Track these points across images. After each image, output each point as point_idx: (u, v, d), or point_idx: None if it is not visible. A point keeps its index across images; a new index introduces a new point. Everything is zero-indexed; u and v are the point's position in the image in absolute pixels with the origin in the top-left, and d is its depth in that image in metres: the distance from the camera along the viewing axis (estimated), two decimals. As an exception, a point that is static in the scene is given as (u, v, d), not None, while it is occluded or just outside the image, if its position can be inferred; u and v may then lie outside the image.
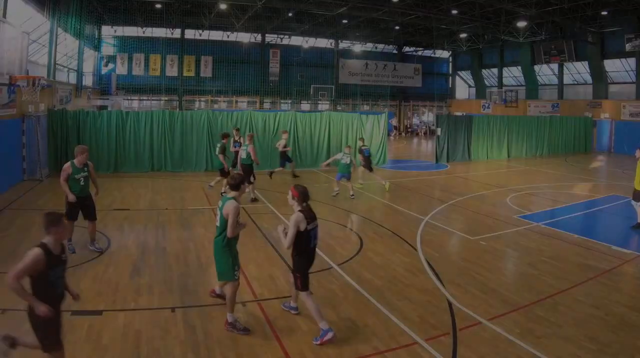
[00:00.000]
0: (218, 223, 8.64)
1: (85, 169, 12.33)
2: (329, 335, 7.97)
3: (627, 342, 8.20)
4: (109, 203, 17.93)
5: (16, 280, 6.00)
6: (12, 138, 20.73)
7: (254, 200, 18.87)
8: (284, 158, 23.75)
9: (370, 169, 22.23)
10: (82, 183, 12.26)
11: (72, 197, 12.07)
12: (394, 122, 56.49)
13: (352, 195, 19.82)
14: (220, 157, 19.01)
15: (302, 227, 8.23)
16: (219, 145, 19.40)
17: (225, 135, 19.85)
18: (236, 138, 21.65)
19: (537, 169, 30.24)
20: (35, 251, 6.33)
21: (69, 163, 12.16)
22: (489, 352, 7.72)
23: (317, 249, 8.74)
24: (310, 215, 8.38)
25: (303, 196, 8.49)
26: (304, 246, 8.38)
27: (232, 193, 8.65)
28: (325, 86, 56.94)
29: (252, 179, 18.54)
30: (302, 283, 8.35)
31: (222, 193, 17.53)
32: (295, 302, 9.14)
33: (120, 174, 24.34)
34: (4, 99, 19.24)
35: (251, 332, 8.35)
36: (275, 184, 22.35)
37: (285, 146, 23.63)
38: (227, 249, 8.59)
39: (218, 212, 8.59)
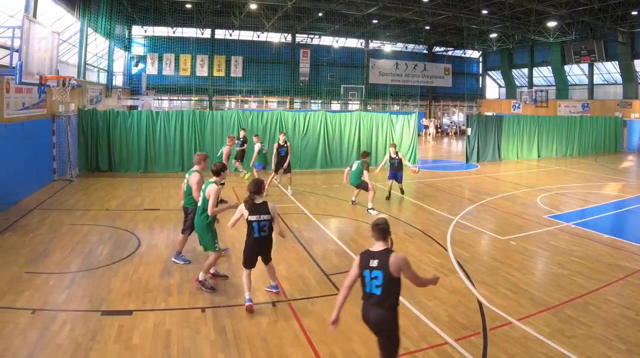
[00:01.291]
0: (200, 204, 10.30)
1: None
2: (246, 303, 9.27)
3: (657, 342, 8.13)
4: (139, 204, 18.07)
5: None
6: (42, 138, 20.87)
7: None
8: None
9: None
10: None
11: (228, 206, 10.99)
12: (426, 121, 56.05)
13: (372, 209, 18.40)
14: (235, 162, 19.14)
15: (245, 215, 9.18)
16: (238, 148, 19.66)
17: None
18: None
19: (567, 169, 30.06)
20: None
21: (198, 174, 11.44)
22: (519, 352, 7.70)
23: (347, 250, 8.76)
24: (252, 208, 9.12)
25: (251, 188, 9.18)
26: (248, 235, 9.38)
27: (214, 178, 10.40)
28: (356, 86, 56.79)
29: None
30: (243, 261, 9.59)
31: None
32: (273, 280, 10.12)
33: (151, 174, 24.47)
34: (34, 98, 19.40)
35: (216, 291, 9.80)
36: (307, 185, 22.47)
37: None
38: (209, 226, 10.29)
39: (201, 194, 10.32)
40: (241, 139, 23.20)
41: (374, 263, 6.27)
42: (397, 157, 19.86)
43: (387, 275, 6.18)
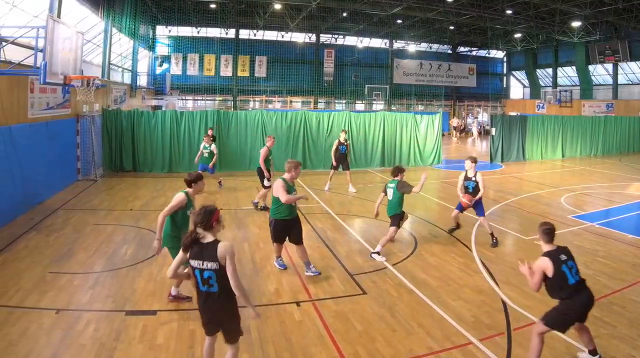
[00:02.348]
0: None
1: (294, 187, 11.05)
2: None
3: (683, 343, 8.04)
4: (163, 204, 17.89)
5: None
6: (66, 138, 21.00)
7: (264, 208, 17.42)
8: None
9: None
10: (293, 203, 10.90)
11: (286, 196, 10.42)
12: (455, 122, 55.88)
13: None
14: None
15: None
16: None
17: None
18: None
19: (592, 169, 29.80)
20: None
21: (282, 181, 10.67)
22: (543, 353, 7.56)
23: (372, 250, 8.77)
24: (194, 248, 6.36)
25: (197, 218, 6.50)
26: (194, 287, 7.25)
27: (187, 189, 9.29)
28: (380, 86, 56.78)
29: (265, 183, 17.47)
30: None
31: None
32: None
33: (175, 174, 24.45)
34: (58, 98, 19.52)
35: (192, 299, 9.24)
36: (332, 185, 22.39)
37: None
38: (175, 240, 9.08)
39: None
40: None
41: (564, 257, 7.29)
42: (474, 179, 14.37)
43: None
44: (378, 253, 12.39)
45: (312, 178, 24.02)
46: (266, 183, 17.15)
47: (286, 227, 10.92)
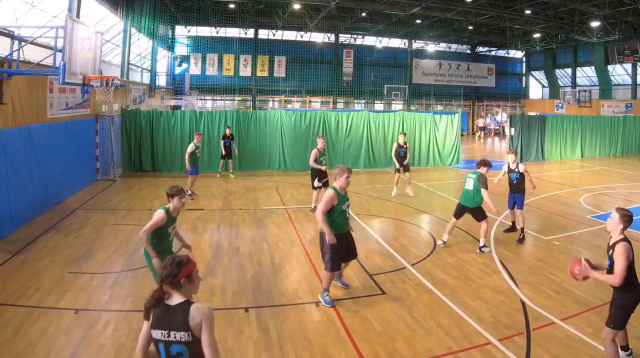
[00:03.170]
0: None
1: (347, 197, 9.84)
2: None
3: None
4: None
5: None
6: (85, 138, 21.10)
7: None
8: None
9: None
10: (346, 215, 9.73)
11: (332, 239, 9.12)
12: (481, 122, 55.67)
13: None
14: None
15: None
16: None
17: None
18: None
19: (611, 169, 29.73)
20: None
21: (332, 192, 9.45)
22: (562, 352, 7.65)
23: (391, 250, 8.72)
24: (156, 314, 4.46)
25: (163, 270, 4.64)
26: None
27: (168, 204, 8.41)
28: (399, 86, 56.49)
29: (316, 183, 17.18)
30: None
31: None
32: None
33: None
34: (77, 98, 19.61)
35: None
36: (350, 184, 22.27)
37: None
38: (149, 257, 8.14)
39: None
40: (229, 137, 23.56)
41: None
42: (517, 170, 14.77)
43: None
44: (484, 246, 12.96)
45: (331, 178, 23.66)
46: (316, 183, 17.08)
47: (343, 241, 9.49)
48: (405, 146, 20.21)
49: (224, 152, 23.90)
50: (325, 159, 17.50)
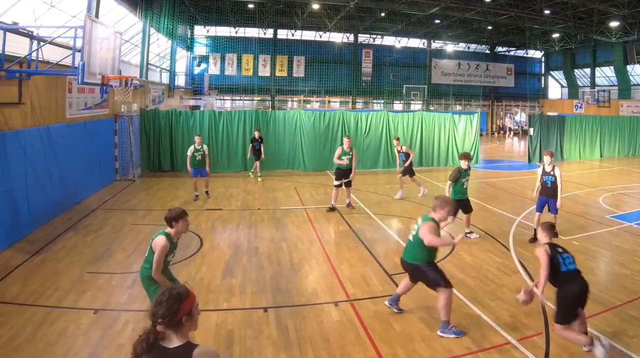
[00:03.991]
0: (147, 253, 7.70)
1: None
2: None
3: None
4: (202, 204, 18.22)
5: None
6: (104, 138, 21.15)
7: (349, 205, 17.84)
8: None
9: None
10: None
11: (451, 241, 9.01)
12: (510, 123, 55.56)
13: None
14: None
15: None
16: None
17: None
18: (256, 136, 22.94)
19: (630, 169, 29.59)
20: None
21: (432, 223, 8.71)
22: (581, 352, 7.60)
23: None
24: None
25: (137, 347, 3.79)
26: None
27: (168, 229, 7.64)
28: (418, 86, 56.65)
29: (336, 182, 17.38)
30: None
31: None
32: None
33: (213, 174, 24.00)
34: (96, 98, 19.71)
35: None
36: (369, 184, 22.56)
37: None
38: (153, 281, 7.57)
39: (150, 242, 7.66)
40: (258, 140, 23.43)
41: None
42: (552, 173, 13.81)
43: None
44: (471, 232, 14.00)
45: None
46: (335, 182, 17.24)
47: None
48: (403, 150, 19.97)
49: (251, 155, 23.82)
50: (349, 159, 17.23)
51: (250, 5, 45.38)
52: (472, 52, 60.96)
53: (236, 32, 51.39)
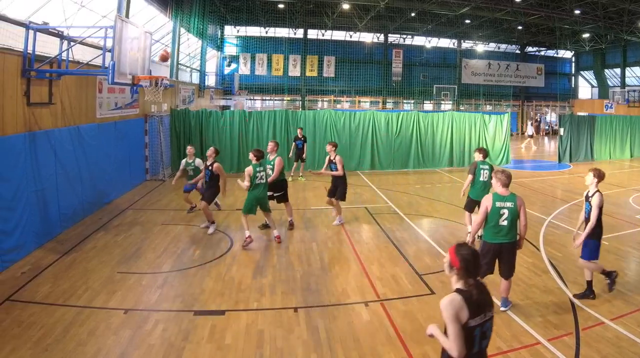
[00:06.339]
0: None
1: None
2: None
3: None
4: (232, 203, 18.20)
5: None
6: (135, 138, 21.24)
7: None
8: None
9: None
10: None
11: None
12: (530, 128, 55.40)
13: None
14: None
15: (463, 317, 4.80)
16: None
17: None
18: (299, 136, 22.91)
19: (661, 169, 29.17)
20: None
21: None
22: (612, 352, 7.56)
23: (440, 250, 8.58)
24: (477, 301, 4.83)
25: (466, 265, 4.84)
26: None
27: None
28: (448, 86, 56.45)
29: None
30: None
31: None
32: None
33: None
34: (127, 98, 19.79)
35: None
36: (399, 184, 22.53)
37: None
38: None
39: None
40: (301, 139, 23.34)
41: None
42: (590, 200, 10.00)
43: None
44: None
45: (381, 178, 24.16)
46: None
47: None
48: (336, 160, 16.59)
49: (292, 154, 23.65)
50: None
51: (281, 6, 45.43)
52: (502, 52, 60.51)
53: (266, 32, 51.39)
